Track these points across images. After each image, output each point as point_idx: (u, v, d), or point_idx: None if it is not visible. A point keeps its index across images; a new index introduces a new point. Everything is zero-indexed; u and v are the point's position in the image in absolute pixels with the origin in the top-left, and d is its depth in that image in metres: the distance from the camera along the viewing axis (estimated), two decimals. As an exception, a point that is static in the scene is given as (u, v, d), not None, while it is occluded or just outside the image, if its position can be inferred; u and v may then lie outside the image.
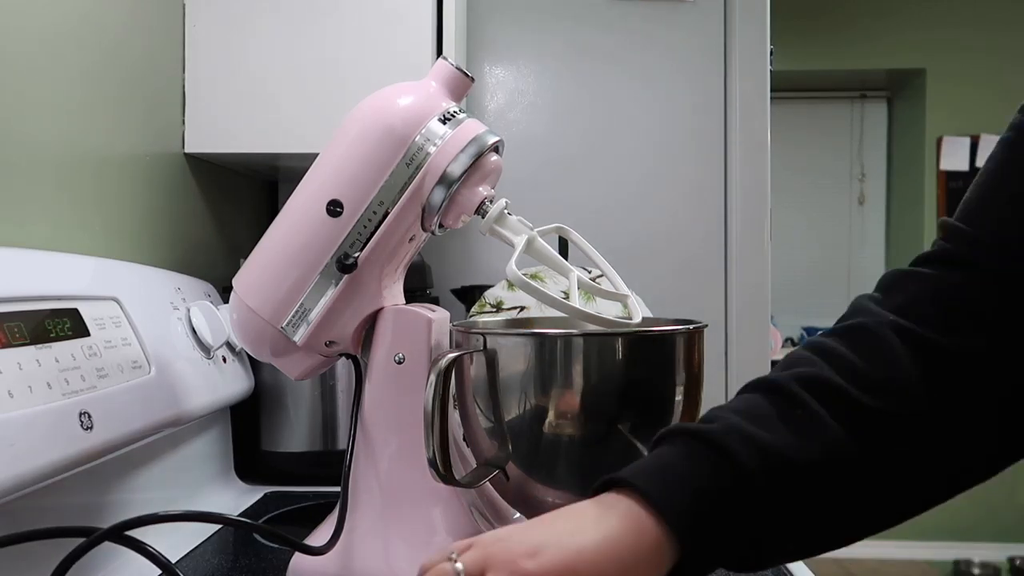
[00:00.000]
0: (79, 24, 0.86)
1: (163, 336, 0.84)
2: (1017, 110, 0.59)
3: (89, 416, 0.66)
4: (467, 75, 0.70)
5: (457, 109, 0.69)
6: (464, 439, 0.72)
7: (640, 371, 0.64)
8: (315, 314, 0.68)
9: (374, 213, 0.67)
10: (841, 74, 3.75)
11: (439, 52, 1.13)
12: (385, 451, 0.70)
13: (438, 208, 0.68)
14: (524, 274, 0.68)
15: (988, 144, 3.47)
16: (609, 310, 1.17)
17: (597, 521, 0.47)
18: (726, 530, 0.48)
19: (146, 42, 1.00)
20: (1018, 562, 3.81)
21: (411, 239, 0.70)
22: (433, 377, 0.62)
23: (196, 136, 1.10)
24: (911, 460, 0.53)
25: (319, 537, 0.70)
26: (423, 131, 0.67)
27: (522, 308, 1.22)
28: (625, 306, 0.73)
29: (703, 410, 0.69)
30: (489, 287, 1.28)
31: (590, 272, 1.22)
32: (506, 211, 0.69)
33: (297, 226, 0.68)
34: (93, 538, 0.56)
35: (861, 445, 0.52)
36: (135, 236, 0.98)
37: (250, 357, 1.04)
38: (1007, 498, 3.72)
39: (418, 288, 1.14)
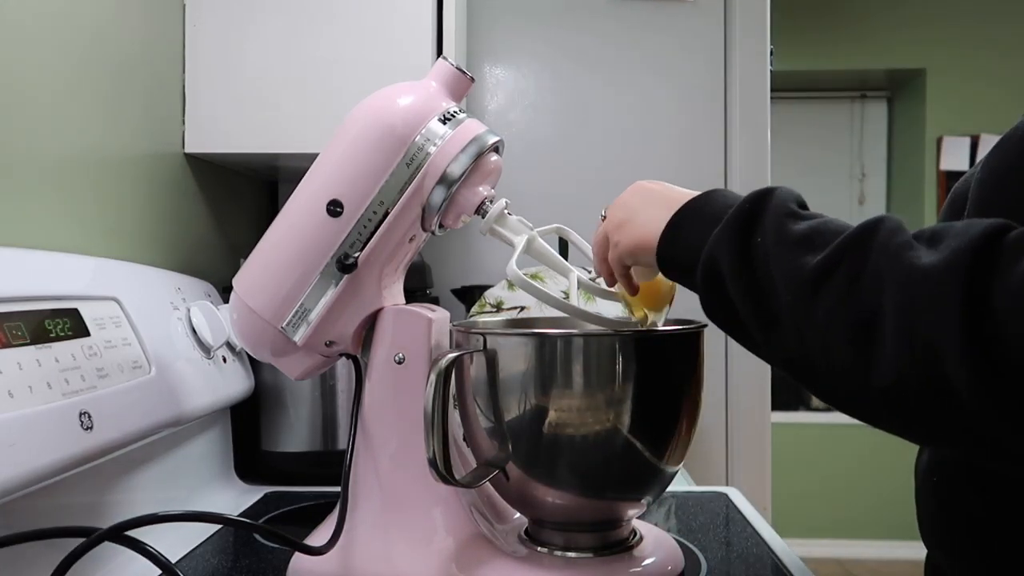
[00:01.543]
0: (79, 25, 0.86)
1: (163, 336, 0.84)
2: None
3: (89, 416, 0.66)
4: (467, 75, 0.70)
5: (457, 109, 0.69)
6: (464, 439, 0.72)
7: (640, 371, 0.64)
8: (315, 314, 0.68)
9: (374, 213, 0.67)
10: (841, 74, 3.74)
11: (439, 52, 1.13)
12: (385, 451, 0.70)
13: (438, 208, 0.68)
14: (524, 274, 0.68)
15: (988, 144, 3.46)
16: (609, 310, 1.16)
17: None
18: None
19: (146, 42, 1.00)
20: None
21: (411, 239, 0.70)
22: (433, 377, 0.62)
23: (196, 136, 1.10)
24: None
25: (319, 537, 0.70)
26: (423, 131, 0.67)
27: (522, 308, 1.22)
28: (625, 306, 0.73)
29: (703, 410, 0.69)
30: (489, 287, 1.28)
31: (590, 272, 1.22)
32: (506, 211, 0.69)
33: (297, 226, 0.68)
34: (93, 538, 0.56)
35: None
36: (135, 236, 0.98)
37: (250, 357, 1.04)
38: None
39: (418, 288, 1.13)
